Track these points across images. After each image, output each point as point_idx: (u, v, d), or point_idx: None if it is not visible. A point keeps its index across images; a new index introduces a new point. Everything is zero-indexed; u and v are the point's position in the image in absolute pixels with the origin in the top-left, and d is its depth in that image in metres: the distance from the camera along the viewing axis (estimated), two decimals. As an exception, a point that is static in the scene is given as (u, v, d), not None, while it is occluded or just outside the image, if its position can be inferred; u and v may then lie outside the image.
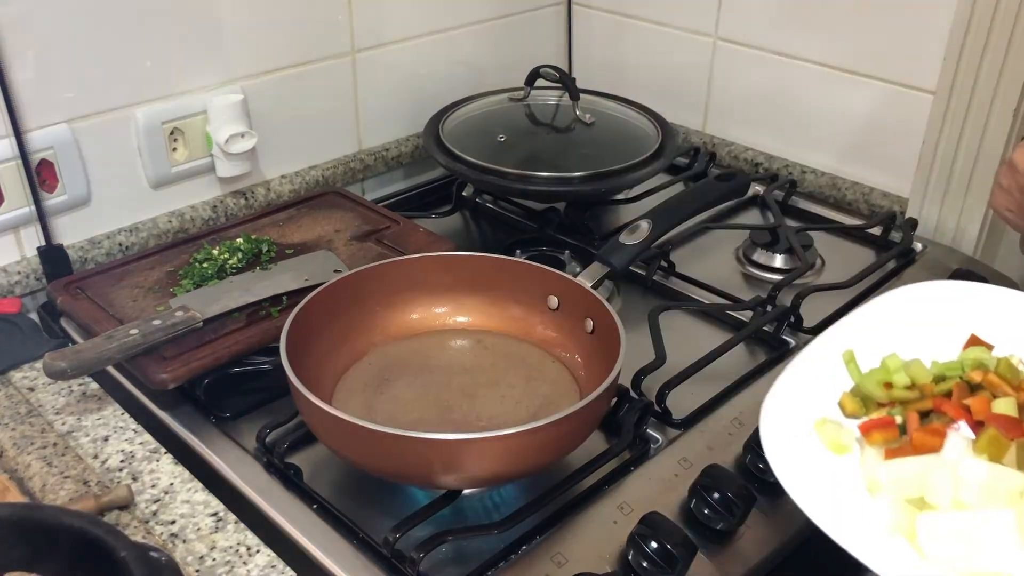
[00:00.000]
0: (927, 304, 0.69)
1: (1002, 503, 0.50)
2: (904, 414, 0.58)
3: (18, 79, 0.95)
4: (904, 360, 0.62)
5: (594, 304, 0.86)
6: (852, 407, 0.60)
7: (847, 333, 0.65)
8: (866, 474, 0.55)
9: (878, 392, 0.60)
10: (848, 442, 0.57)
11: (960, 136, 1.14)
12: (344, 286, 0.89)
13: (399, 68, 1.31)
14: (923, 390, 0.60)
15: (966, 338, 0.66)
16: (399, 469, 0.74)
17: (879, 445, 0.56)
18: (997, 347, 0.65)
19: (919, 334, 0.66)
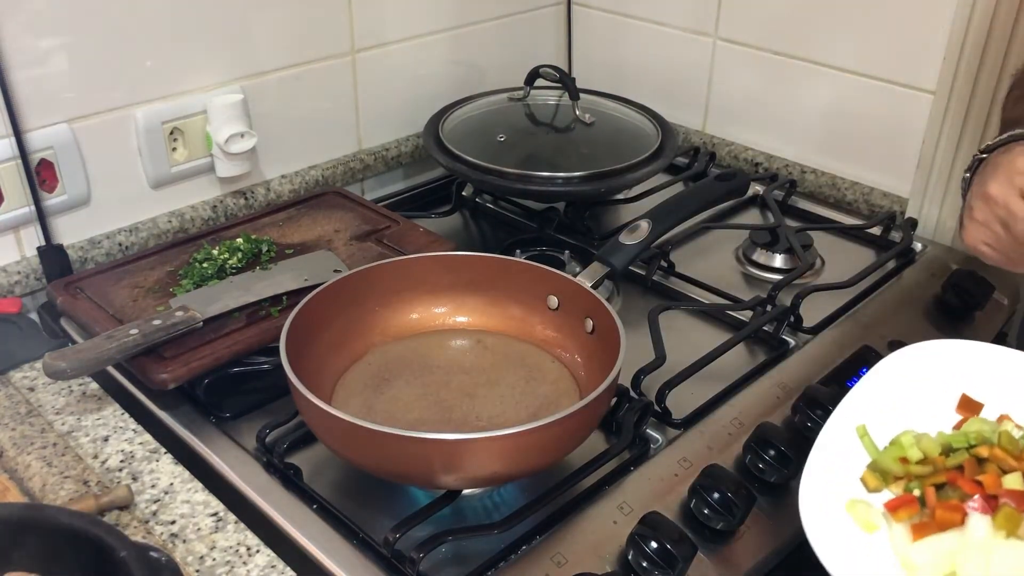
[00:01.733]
0: (918, 365, 0.74)
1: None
2: (922, 487, 0.63)
3: (18, 79, 0.95)
4: (915, 435, 0.67)
5: (594, 304, 0.86)
6: (873, 482, 0.65)
7: (854, 407, 0.71)
8: (898, 553, 0.60)
9: (896, 468, 0.65)
10: (877, 520, 0.62)
11: (960, 136, 1.14)
12: (344, 286, 0.89)
13: (399, 68, 1.31)
14: (935, 463, 0.65)
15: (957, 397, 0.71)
16: (399, 469, 0.74)
17: (905, 521, 0.61)
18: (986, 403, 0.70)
19: (916, 397, 0.71)
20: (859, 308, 1.06)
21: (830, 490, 0.64)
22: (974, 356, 0.75)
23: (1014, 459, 0.61)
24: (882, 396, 0.72)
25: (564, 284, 0.90)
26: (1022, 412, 0.69)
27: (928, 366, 0.74)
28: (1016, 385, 0.71)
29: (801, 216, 1.27)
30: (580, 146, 1.23)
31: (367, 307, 0.91)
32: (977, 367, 0.73)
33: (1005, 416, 0.69)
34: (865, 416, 0.70)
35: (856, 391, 0.72)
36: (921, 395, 0.72)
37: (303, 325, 0.82)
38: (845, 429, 0.69)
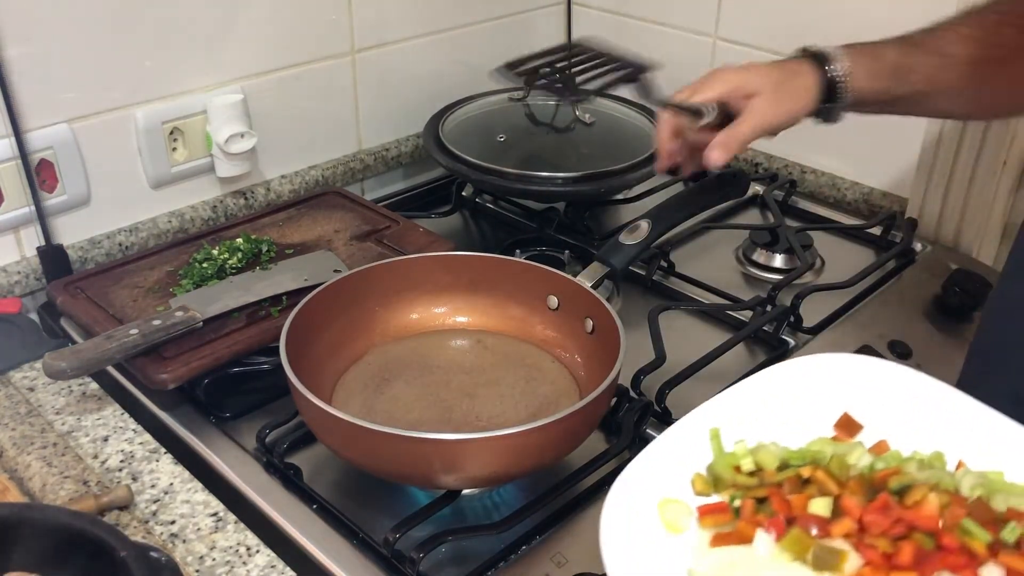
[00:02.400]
0: (810, 379, 0.69)
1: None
2: (743, 499, 0.59)
3: (18, 79, 0.95)
4: (756, 445, 0.63)
5: (594, 304, 0.86)
6: (700, 486, 0.61)
7: (721, 409, 0.66)
8: (692, 558, 0.57)
9: (727, 475, 0.61)
10: (684, 523, 0.58)
11: (960, 136, 1.13)
12: (343, 286, 0.89)
13: (399, 68, 1.31)
14: (764, 478, 0.61)
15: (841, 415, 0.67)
16: (399, 469, 0.74)
17: (709, 528, 0.58)
18: (868, 426, 0.66)
19: (796, 411, 0.66)
20: (859, 308, 1.06)
21: (652, 484, 0.60)
22: (877, 374, 0.69)
23: (836, 485, 0.58)
24: (761, 403, 0.67)
25: (564, 284, 0.90)
26: (905, 439, 0.63)
27: (824, 379, 0.68)
28: (908, 410, 0.66)
29: (801, 216, 1.27)
30: (580, 146, 1.23)
31: (367, 307, 0.91)
32: (877, 386, 0.68)
33: (881, 443, 0.64)
34: (731, 420, 0.65)
35: (732, 392, 0.67)
36: (805, 409, 0.67)
37: (303, 325, 0.82)
38: (700, 428, 0.64)
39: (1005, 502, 0.56)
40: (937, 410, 0.66)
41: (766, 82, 0.84)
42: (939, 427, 0.64)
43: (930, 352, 0.99)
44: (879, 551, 0.52)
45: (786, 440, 0.65)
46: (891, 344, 0.99)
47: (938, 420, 0.65)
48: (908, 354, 0.98)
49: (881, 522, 0.54)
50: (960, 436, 0.63)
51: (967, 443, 0.63)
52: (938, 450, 0.62)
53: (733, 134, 0.83)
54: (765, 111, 0.83)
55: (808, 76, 0.83)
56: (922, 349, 0.99)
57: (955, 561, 0.52)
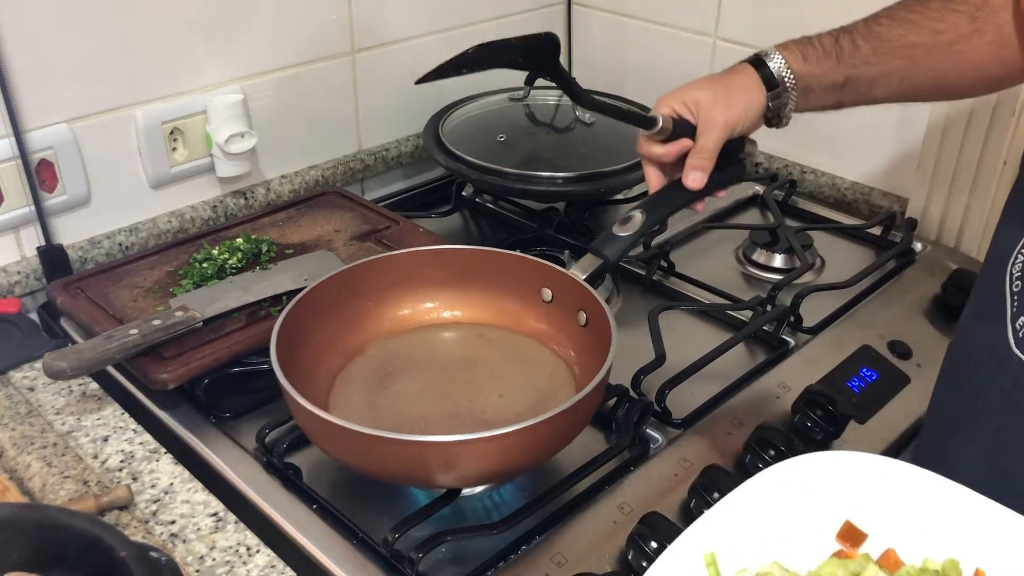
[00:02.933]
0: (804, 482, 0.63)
1: None
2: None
3: (18, 79, 0.95)
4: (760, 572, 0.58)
5: (587, 297, 0.86)
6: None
7: (714, 527, 0.60)
8: None
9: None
10: None
11: (961, 136, 1.13)
12: (333, 284, 0.88)
13: (399, 68, 1.31)
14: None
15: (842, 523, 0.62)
16: (392, 470, 0.74)
17: None
18: (872, 533, 0.61)
19: (793, 521, 0.61)
20: (859, 308, 1.06)
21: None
22: (873, 472, 0.63)
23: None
24: (755, 515, 0.61)
25: (557, 277, 0.90)
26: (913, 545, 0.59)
27: (818, 481, 0.63)
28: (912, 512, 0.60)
29: (801, 216, 1.27)
30: (580, 146, 1.23)
31: (359, 304, 0.91)
32: (874, 486, 0.62)
33: (889, 552, 0.59)
34: (726, 539, 0.59)
35: (719, 508, 0.61)
36: (803, 518, 0.61)
37: (293, 328, 0.82)
38: (693, 553, 0.58)
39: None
40: (944, 510, 0.60)
41: (706, 90, 0.86)
42: (949, 530, 0.59)
43: (930, 352, 0.99)
44: None
45: (788, 559, 0.59)
46: (891, 344, 0.99)
47: (947, 521, 0.60)
48: (908, 354, 0.98)
49: None
50: (973, 538, 0.58)
51: (981, 546, 0.58)
52: (952, 557, 0.58)
53: (699, 151, 0.85)
54: (718, 116, 0.84)
55: (747, 71, 0.86)
56: (922, 349, 0.99)
57: None
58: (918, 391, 0.93)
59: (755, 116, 0.86)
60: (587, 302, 0.86)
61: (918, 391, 0.93)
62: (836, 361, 0.95)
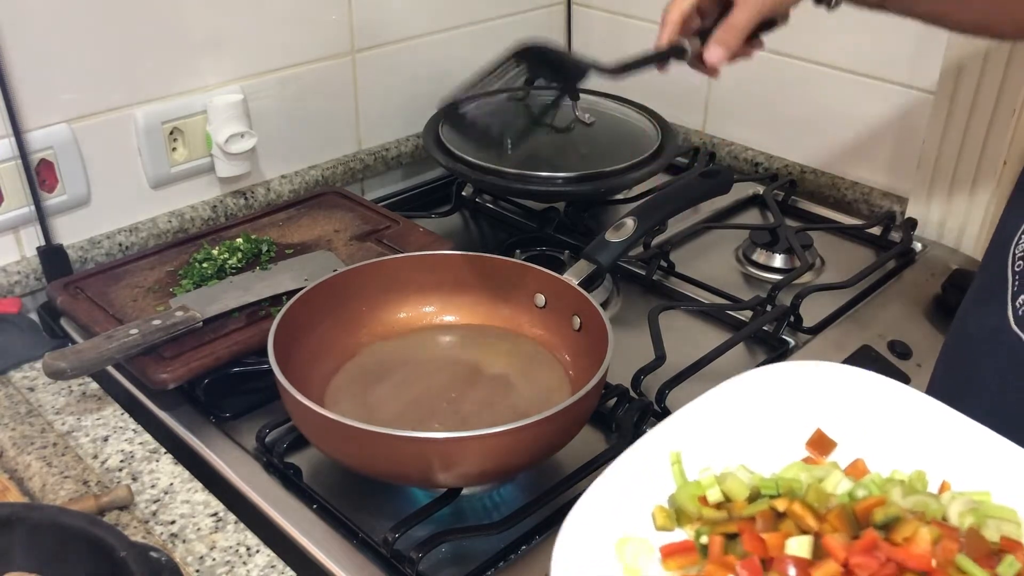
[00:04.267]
0: (776, 391, 0.62)
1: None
2: (711, 535, 0.53)
3: (18, 79, 0.95)
4: (723, 472, 0.57)
5: (580, 301, 0.86)
6: (662, 520, 0.55)
7: (683, 428, 0.59)
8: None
9: (691, 508, 0.55)
10: (645, 565, 0.52)
11: (960, 136, 1.14)
12: (330, 287, 0.89)
13: (399, 68, 1.31)
14: (733, 510, 0.55)
15: (812, 431, 0.61)
16: (389, 468, 0.74)
17: (674, 571, 0.52)
18: (842, 443, 0.60)
19: (763, 428, 0.60)
20: (859, 308, 1.06)
21: (610, 519, 0.53)
22: (848, 384, 0.63)
23: (815, 518, 0.51)
24: (725, 420, 0.60)
25: (550, 282, 0.90)
26: (883, 457, 0.58)
27: (792, 391, 0.62)
28: (884, 423, 0.60)
29: (801, 216, 1.27)
30: (580, 146, 1.23)
31: (354, 308, 0.91)
32: (849, 397, 0.62)
33: (858, 461, 0.58)
34: (694, 441, 0.58)
35: (693, 407, 0.60)
36: (774, 425, 0.60)
37: (290, 328, 0.82)
38: (660, 451, 0.57)
39: (997, 530, 0.52)
40: (914, 422, 0.60)
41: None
42: (918, 442, 0.59)
43: (930, 352, 0.99)
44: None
45: (756, 463, 0.58)
46: (891, 344, 0.99)
47: (916, 434, 0.60)
48: (908, 354, 0.98)
49: (869, 564, 0.48)
50: (941, 451, 0.58)
51: (949, 459, 0.58)
52: (919, 469, 0.57)
53: (729, 26, 0.78)
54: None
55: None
56: (922, 349, 0.99)
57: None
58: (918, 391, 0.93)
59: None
60: (581, 306, 0.86)
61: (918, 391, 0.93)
62: (836, 361, 0.95)
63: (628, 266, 1.12)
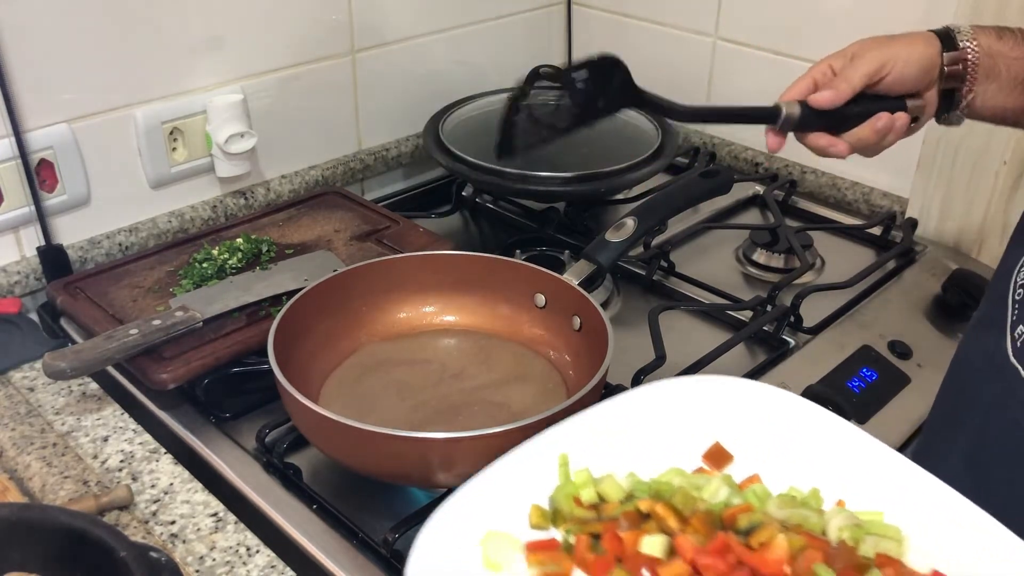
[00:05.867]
0: (684, 403, 0.62)
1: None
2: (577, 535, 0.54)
3: (18, 79, 0.95)
4: (603, 475, 0.57)
5: (581, 301, 0.86)
6: (536, 518, 0.55)
7: (579, 432, 0.59)
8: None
9: (565, 506, 0.55)
10: (506, 559, 0.52)
11: (961, 136, 1.13)
12: (330, 287, 0.89)
13: (399, 68, 1.31)
14: (604, 511, 0.55)
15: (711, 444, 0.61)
16: (388, 468, 0.74)
17: (535, 567, 0.51)
18: (741, 457, 0.59)
19: (663, 438, 0.59)
20: (859, 308, 1.06)
21: (485, 514, 0.54)
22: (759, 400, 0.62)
23: (678, 521, 0.51)
24: (625, 428, 0.60)
25: (551, 282, 0.90)
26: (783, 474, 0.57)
27: (699, 404, 0.62)
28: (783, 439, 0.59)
29: (801, 216, 1.27)
30: (580, 146, 1.23)
31: (354, 307, 0.91)
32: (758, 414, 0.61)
33: (753, 477, 0.58)
34: (588, 445, 0.58)
35: (593, 412, 0.60)
36: (675, 436, 0.59)
37: (290, 328, 0.82)
38: (551, 453, 0.57)
39: (875, 547, 0.51)
40: (818, 441, 0.60)
41: (868, 39, 0.77)
42: (819, 460, 0.58)
43: (930, 352, 0.99)
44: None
45: (646, 471, 0.58)
46: (891, 344, 0.99)
47: (819, 452, 0.59)
48: (908, 354, 0.98)
49: (717, 566, 0.48)
50: (841, 470, 0.57)
51: (848, 478, 0.57)
52: (815, 487, 0.57)
53: (840, 76, 0.76)
54: (872, 52, 0.75)
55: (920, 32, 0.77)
56: (922, 349, 0.99)
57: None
58: (918, 391, 0.93)
59: (917, 68, 0.75)
60: (581, 307, 0.86)
61: (918, 391, 0.93)
62: (836, 361, 0.95)
63: (628, 266, 1.12)
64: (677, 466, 0.58)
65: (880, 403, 0.92)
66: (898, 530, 0.54)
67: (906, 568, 0.51)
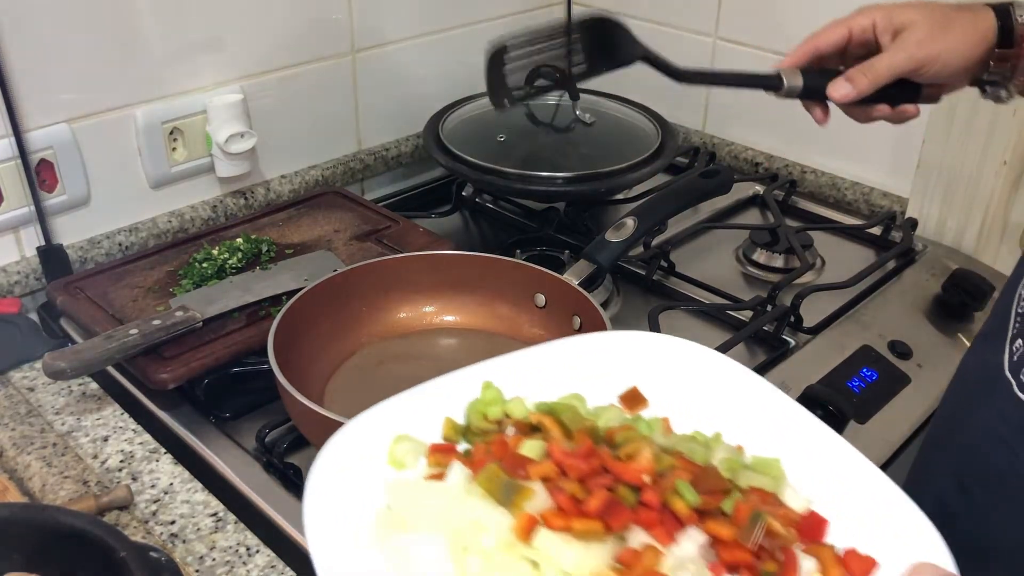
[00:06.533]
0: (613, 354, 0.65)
1: (437, 529, 0.50)
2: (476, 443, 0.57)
3: (18, 79, 0.95)
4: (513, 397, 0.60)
5: (581, 301, 0.86)
6: (448, 430, 0.58)
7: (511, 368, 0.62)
8: (392, 492, 0.54)
9: (474, 420, 0.58)
10: (410, 460, 0.55)
11: (961, 136, 1.14)
12: (330, 287, 0.89)
13: (399, 68, 1.31)
14: (505, 426, 0.57)
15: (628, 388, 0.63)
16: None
17: (433, 468, 0.55)
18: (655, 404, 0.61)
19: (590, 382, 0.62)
20: (859, 308, 1.06)
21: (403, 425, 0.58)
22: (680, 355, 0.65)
23: (563, 433, 0.54)
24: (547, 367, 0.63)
25: (551, 282, 0.90)
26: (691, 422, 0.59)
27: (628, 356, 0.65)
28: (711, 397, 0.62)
29: (801, 216, 1.27)
30: (580, 146, 1.23)
31: (353, 308, 0.91)
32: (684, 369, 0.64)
33: (664, 420, 0.60)
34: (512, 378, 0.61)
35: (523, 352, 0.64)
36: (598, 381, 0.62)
37: (290, 329, 0.82)
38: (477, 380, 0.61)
39: (750, 480, 0.54)
40: (741, 399, 0.62)
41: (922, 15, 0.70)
42: (736, 414, 0.60)
43: (930, 352, 0.99)
44: (567, 495, 0.49)
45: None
46: (891, 344, 0.99)
47: (730, 404, 0.61)
48: (908, 354, 0.98)
49: (580, 466, 0.51)
50: (754, 424, 0.60)
51: (758, 431, 0.59)
52: (719, 432, 0.59)
53: (868, 66, 0.71)
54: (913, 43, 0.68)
55: (982, 12, 0.69)
56: (922, 349, 0.99)
57: (650, 518, 0.49)
58: (918, 391, 0.93)
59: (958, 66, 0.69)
60: (581, 306, 0.86)
61: (918, 391, 0.93)
62: (836, 361, 0.95)
63: (628, 266, 1.12)
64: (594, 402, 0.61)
65: (880, 403, 0.92)
66: (777, 467, 0.56)
67: (778, 501, 0.53)
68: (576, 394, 0.61)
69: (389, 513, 0.52)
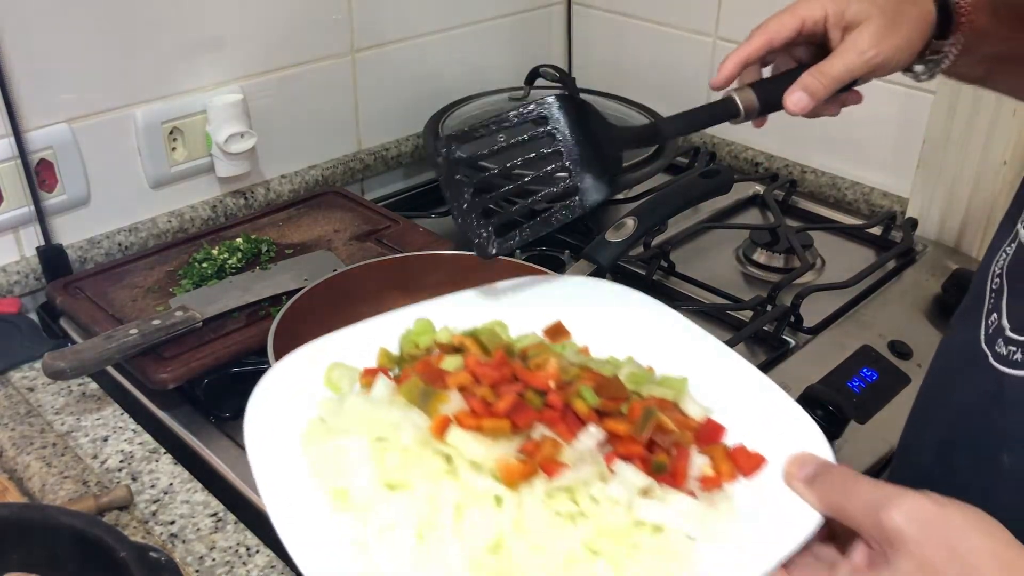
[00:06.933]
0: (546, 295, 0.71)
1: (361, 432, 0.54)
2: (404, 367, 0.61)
3: (18, 79, 0.95)
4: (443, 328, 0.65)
5: None
6: (382, 359, 0.62)
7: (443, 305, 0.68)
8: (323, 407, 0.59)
9: (406, 348, 0.63)
10: (345, 384, 0.60)
11: (961, 136, 1.13)
12: (330, 287, 0.89)
13: (399, 68, 1.31)
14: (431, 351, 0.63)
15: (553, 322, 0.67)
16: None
17: (365, 389, 0.59)
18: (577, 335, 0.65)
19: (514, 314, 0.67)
20: (859, 308, 1.06)
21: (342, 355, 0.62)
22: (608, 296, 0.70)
23: (481, 351, 0.59)
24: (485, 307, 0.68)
25: None
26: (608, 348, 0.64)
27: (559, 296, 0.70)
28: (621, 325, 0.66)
29: (801, 216, 1.27)
30: (580, 146, 1.22)
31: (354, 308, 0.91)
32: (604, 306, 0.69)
33: (583, 348, 0.64)
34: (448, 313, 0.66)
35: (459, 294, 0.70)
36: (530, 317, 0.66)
37: (290, 328, 0.82)
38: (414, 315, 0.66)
39: (652, 391, 0.58)
40: (650, 326, 0.67)
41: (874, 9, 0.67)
42: (654, 344, 0.65)
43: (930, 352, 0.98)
44: (480, 399, 0.54)
45: None
46: (891, 344, 0.99)
47: (648, 335, 0.66)
48: (908, 354, 0.98)
49: (491, 374, 0.56)
50: (669, 351, 0.64)
51: (670, 356, 0.63)
52: (631, 355, 0.63)
53: (822, 72, 0.69)
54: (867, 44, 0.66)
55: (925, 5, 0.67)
56: (922, 349, 0.99)
57: (553, 416, 0.54)
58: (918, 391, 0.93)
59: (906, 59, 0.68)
60: None
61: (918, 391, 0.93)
62: (836, 361, 0.95)
63: (628, 266, 1.12)
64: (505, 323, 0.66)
65: (880, 403, 0.92)
66: (681, 382, 0.60)
67: (677, 408, 0.58)
68: (499, 321, 0.65)
69: (320, 423, 0.57)
